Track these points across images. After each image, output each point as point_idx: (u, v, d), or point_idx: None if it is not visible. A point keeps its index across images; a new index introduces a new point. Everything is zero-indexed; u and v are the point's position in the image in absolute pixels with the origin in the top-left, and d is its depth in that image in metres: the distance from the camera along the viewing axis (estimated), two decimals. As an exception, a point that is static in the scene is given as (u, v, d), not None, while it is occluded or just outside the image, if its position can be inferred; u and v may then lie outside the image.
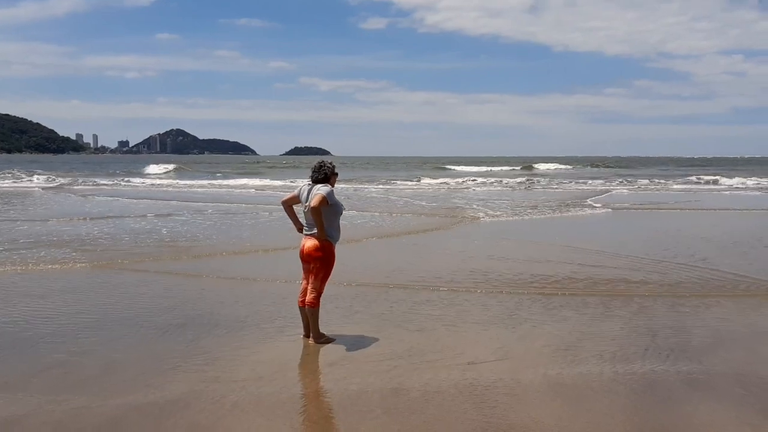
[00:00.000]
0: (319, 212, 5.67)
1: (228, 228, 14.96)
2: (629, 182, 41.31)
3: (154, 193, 29.94)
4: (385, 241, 13.16)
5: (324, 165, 5.99)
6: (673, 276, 9.24)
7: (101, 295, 7.89)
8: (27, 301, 7.59)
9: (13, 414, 4.37)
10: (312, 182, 5.95)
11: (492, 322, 6.76)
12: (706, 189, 35.29)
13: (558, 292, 8.12)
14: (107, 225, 15.39)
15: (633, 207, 22.52)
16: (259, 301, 7.60)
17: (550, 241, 13.17)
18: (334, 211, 5.84)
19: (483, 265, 10.05)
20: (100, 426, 4.20)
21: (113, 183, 38.14)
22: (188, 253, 11.18)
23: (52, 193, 28.60)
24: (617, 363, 5.47)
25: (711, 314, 7.18)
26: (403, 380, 5.02)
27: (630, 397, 4.76)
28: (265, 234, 13.88)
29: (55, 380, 5.01)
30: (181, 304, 7.48)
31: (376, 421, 4.28)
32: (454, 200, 24.92)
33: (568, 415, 4.41)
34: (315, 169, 5.95)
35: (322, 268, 5.90)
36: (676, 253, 11.35)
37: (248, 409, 4.48)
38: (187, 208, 20.06)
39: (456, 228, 15.62)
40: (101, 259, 10.28)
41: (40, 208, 20.98)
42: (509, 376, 5.11)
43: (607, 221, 18.45)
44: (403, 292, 8.11)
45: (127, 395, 4.68)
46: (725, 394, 4.85)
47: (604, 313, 7.16)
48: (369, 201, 24.11)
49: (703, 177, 45.91)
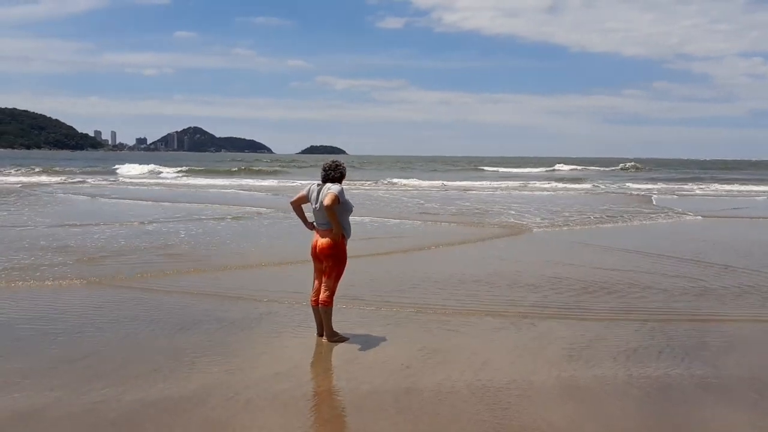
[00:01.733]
0: (333, 210, 5.73)
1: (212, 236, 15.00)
2: (680, 184, 39.88)
3: (129, 192, 30.06)
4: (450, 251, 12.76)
5: (339, 165, 6.05)
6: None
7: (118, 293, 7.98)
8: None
9: (32, 407, 4.44)
10: (323, 181, 6.00)
11: (504, 326, 6.75)
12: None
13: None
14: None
15: (725, 215, 20.13)
16: (273, 300, 7.63)
17: (679, 255, 11.30)
18: (344, 209, 5.90)
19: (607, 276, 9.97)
20: (116, 420, 4.25)
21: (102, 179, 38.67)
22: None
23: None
24: (631, 366, 5.45)
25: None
26: (416, 380, 5.04)
27: (644, 400, 4.74)
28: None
29: (74, 375, 5.08)
30: (195, 303, 7.54)
31: (388, 421, 4.30)
32: (515, 206, 21.40)
33: (581, 417, 4.40)
34: (329, 168, 6.00)
35: (335, 266, 5.94)
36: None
37: (262, 406, 4.52)
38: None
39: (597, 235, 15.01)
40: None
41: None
42: (522, 378, 5.11)
43: (713, 230, 16.10)
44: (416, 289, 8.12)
45: (142, 391, 4.74)
46: (739, 399, 4.81)
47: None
48: (411, 207, 21.11)
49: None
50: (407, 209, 20.29)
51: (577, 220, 17.47)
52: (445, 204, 22.68)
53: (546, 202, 24.54)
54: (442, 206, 21.67)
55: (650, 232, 15.71)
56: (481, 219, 17.32)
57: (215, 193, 28.23)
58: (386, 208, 20.39)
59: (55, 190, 28.64)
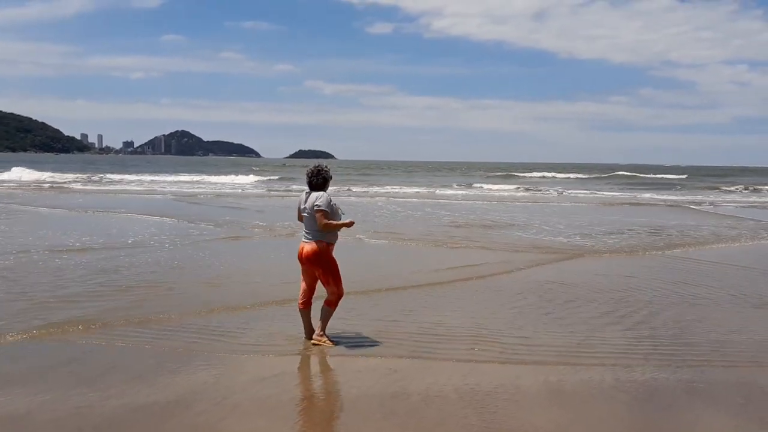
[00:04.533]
0: (329, 225, 5.83)
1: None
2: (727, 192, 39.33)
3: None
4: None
5: (321, 170, 6.03)
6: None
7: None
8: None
9: (16, 412, 4.39)
10: (309, 188, 6.04)
11: (498, 327, 6.77)
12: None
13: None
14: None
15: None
16: (260, 305, 7.60)
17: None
18: (333, 217, 5.92)
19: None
20: (101, 426, 4.21)
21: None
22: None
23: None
24: (618, 370, 5.48)
25: (713, 323, 7.17)
26: (404, 384, 5.03)
27: (631, 404, 4.76)
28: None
29: (60, 379, 5.04)
30: (185, 307, 7.50)
31: (376, 425, 4.29)
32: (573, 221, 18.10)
33: (568, 421, 4.42)
34: (312, 174, 6.01)
35: (326, 272, 5.96)
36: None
37: (249, 410, 4.50)
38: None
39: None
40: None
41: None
42: (510, 382, 5.12)
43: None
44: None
45: (128, 395, 4.70)
46: (725, 403, 4.85)
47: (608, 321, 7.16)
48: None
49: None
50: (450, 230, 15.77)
51: (677, 238, 14.84)
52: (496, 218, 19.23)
53: (605, 213, 22.08)
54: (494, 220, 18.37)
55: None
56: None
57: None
58: (413, 226, 16.84)
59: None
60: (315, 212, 5.83)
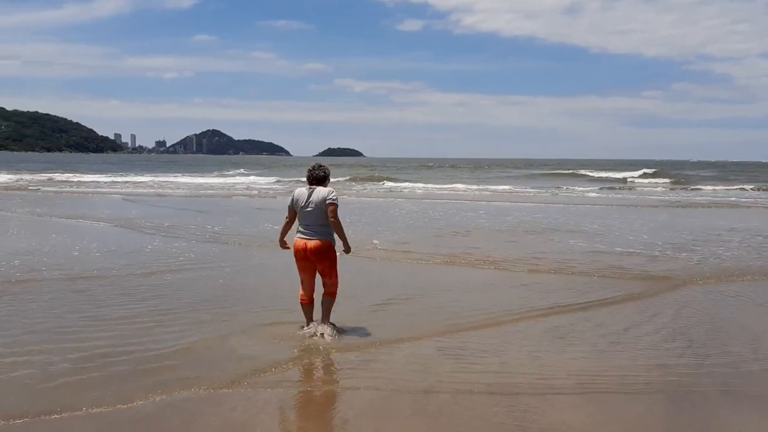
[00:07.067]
0: (339, 224, 5.98)
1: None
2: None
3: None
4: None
5: (322, 165, 6.30)
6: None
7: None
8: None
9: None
10: (310, 183, 6.16)
11: (527, 328, 6.70)
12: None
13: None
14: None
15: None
16: (278, 301, 7.62)
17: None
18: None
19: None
20: (137, 419, 4.26)
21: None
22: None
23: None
24: (653, 368, 5.38)
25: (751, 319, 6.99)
26: (435, 381, 5.01)
27: (665, 403, 4.67)
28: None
29: (87, 373, 5.11)
30: (204, 302, 7.57)
31: (405, 422, 4.27)
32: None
33: (600, 420, 4.35)
34: (315, 168, 6.22)
35: (332, 266, 6.13)
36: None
37: (280, 407, 4.53)
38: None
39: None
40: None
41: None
42: (542, 381, 5.06)
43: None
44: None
45: (162, 391, 4.73)
46: (763, 403, 4.73)
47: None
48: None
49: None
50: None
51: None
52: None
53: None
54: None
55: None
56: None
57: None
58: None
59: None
60: (328, 206, 5.92)
